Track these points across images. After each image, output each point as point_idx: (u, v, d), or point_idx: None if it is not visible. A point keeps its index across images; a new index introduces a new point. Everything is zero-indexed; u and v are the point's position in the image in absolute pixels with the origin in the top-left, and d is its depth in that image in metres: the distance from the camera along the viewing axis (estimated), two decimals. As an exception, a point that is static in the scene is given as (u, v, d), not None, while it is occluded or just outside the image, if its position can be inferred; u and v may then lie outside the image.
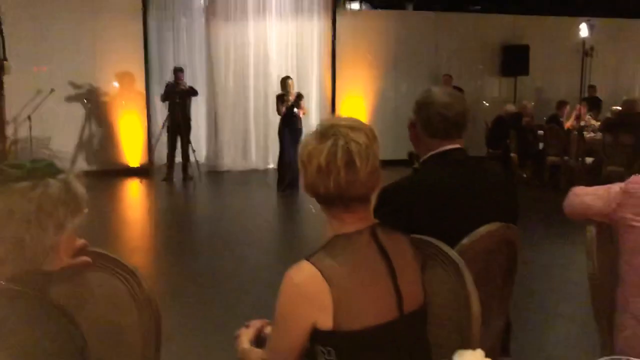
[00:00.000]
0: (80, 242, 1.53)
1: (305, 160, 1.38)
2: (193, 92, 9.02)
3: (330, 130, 1.37)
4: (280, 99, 8.37)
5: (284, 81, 8.45)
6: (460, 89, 10.05)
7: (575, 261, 4.13)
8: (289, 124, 8.30)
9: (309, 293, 1.34)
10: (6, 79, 8.68)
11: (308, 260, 1.36)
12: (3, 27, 7.73)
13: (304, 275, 1.34)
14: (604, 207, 1.88)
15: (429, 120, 1.96)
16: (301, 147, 1.40)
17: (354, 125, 1.38)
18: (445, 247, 1.66)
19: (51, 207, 1.15)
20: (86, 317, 1.60)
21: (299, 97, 8.32)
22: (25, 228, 1.13)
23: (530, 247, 5.18)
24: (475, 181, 1.97)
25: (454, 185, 1.93)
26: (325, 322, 1.34)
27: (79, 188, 1.21)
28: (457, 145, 1.97)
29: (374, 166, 1.37)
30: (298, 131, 8.27)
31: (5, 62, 8.33)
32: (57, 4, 9.48)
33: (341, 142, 1.34)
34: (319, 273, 1.33)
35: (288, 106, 8.20)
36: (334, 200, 1.38)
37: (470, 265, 1.67)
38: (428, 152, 2.00)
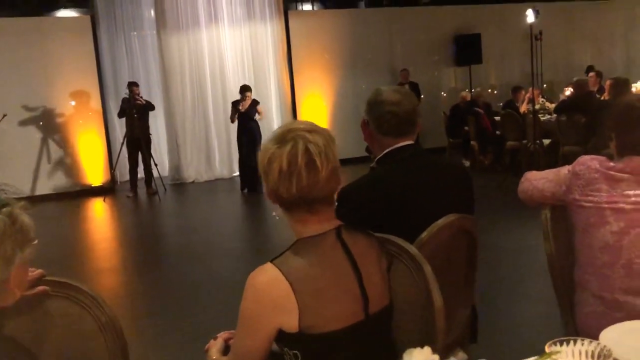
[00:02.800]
0: (37, 272, 1.51)
1: (266, 166, 1.37)
2: (150, 106, 8.91)
3: (288, 134, 1.37)
4: (235, 106, 8.46)
5: (242, 91, 8.54)
6: (416, 84, 10.23)
7: (540, 243, 4.24)
8: (246, 131, 8.39)
9: (272, 296, 1.33)
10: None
11: (272, 262, 1.36)
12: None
13: (267, 278, 1.33)
14: (555, 191, 1.94)
15: (380, 118, 2.00)
16: (261, 154, 1.40)
17: (312, 128, 1.39)
18: (404, 243, 1.68)
19: (-3, 242, 1.13)
20: (50, 348, 1.57)
21: (254, 103, 8.41)
22: (-29, 266, 1.10)
23: (494, 232, 5.27)
24: (430, 175, 2.02)
25: (410, 181, 1.97)
26: (290, 325, 1.33)
27: (26, 219, 1.19)
28: (410, 142, 2.01)
29: (334, 166, 1.38)
30: (256, 137, 8.41)
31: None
32: (2, 26, 9.25)
33: (300, 145, 1.34)
34: (282, 275, 1.32)
35: (238, 113, 8.41)
36: (297, 203, 1.38)
37: (431, 258, 1.70)
38: (382, 150, 2.03)
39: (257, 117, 8.42)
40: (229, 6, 10.30)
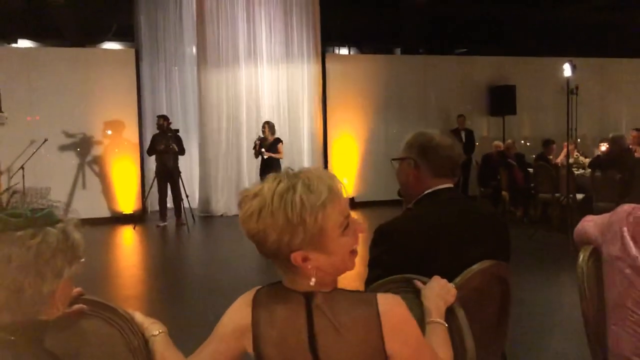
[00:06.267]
0: (76, 290, 1.54)
1: None
2: (180, 150, 9.13)
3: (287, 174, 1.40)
4: (260, 142, 8.76)
5: (263, 126, 8.92)
6: (471, 131, 10.31)
7: (570, 299, 4.11)
8: (268, 168, 8.51)
9: (239, 317, 1.48)
10: (0, 130, 8.76)
11: (257, 289, 1.51)
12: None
13: (242, 301, 1.53)
14: (596, 237, 1.88)
15: (438, 162, 2.02)
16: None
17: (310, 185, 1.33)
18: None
19: (49, 255, 1.16)
20: (81, 366, 1.59)
21: (276, 141, 8.61)
22: (23, 276, 1.13)
23: (523, 285, 5.16)
24: (468, 219, 2.01)
25: (448, 224, 1.96)
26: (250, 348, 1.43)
27: (77, 237, 1.23)
28: (450, 185, 2.03)
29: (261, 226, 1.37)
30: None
31: (0, 113, 8.43)
32: (50, 54, 9.66)
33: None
34: (251, 306, 1.47)
35: (256, 152, 8.69)
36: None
37: (464, 303, 1.68)
38: (421, 192, 2.04)
39: (265, 155, 8.63)
40: (268, 46, 10.57)
